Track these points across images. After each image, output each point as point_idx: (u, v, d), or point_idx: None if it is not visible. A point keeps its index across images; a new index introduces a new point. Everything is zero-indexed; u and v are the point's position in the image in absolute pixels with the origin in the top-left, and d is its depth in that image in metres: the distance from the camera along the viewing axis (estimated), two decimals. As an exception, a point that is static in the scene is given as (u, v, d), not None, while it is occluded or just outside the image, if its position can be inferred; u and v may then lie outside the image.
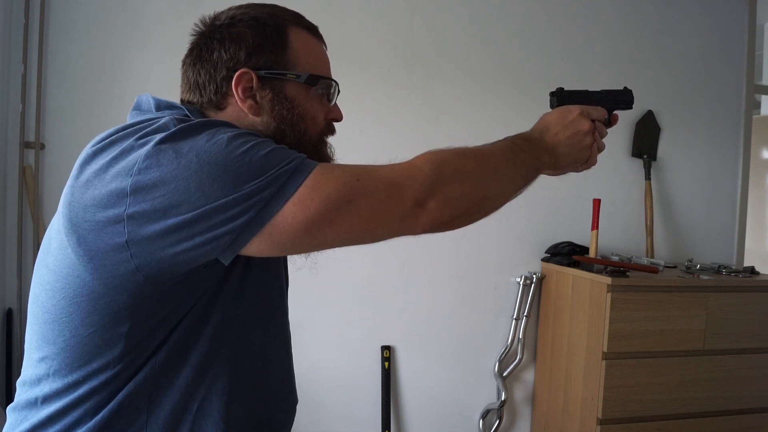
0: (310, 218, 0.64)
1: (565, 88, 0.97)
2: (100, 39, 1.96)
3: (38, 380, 0.72)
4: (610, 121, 0.96)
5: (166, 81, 1.98)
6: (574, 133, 0.87)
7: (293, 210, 0.63)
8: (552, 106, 0.94)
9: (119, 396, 0.68)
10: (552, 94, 0.96)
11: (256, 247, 0.65)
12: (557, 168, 0.88)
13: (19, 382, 0.76)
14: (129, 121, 0.77)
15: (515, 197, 0.82)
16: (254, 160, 0.63)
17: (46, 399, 0.70)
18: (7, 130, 1.90)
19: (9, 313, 1.92)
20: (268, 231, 0.64)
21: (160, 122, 0.68)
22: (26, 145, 1.91)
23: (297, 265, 0.92)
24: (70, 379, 0.69)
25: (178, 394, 0.70)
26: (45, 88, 1.93)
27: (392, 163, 0.73)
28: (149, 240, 0.62)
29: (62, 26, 1.93)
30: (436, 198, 0.70)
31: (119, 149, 0.66)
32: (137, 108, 0.79)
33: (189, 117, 0.73)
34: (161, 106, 0.76)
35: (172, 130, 0.65)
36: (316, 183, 0.64)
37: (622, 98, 0.99)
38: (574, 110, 0.88)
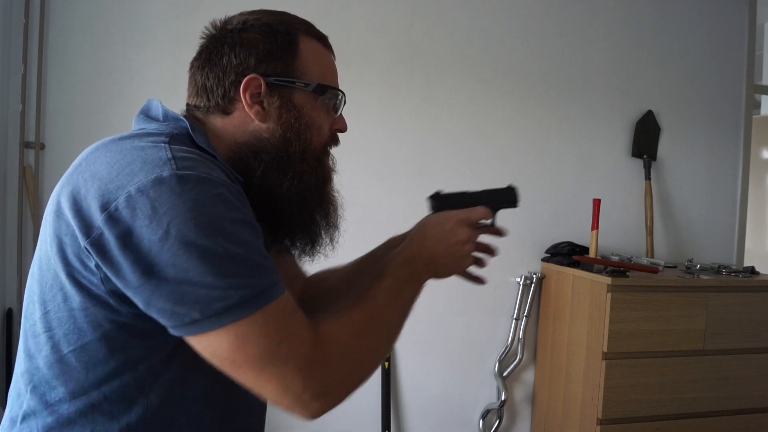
0: (222, 356, 0.62)
1: (443, 192, 0.92)
2: (100, 39, 1.96)
3: (17, 395, 0.70)
4: (494, 222, 0.92)
5: (166, 81, 1.99)
6: (452, 244, 0.84)
7: (217, 337, 0.62)
8: (431, 211, 0.90)
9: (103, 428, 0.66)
10: (429, 197, 0.91)
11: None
12: (438, 278, 0.86)
13: (8, 397, 0.74)
14: (134, 124, 0.77)
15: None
16: (221, 258, 0.60)
17: (25, 418, 0.68)
18: (7, 130, 1.90)
19: (9, 313, 1.92)
20: (195, 338, 0.63)
21: (155, 152, 0.64)
22: (26, 145, 1.91)
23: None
24: (47, 397, 0.67)
25: None
26: (45, 88, 1.93)
27: (321, 324, 0.69)
28: (110, 273, 0.62)
29: (62, 26, 1.93)
30: (333, 396, 0.67)
31: (107, 171, 0.63)
32: (145, 113, 0.78)
33: (192, 137, 0.72)
34: (168, 116, 0.75)
35: (162, 175, 0.61)
36: (247, 329, 0.62)
37: (504, 198, 0.93)
38: (452, 218, 0.86)
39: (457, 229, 0.85)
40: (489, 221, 0.91)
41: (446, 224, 0.85)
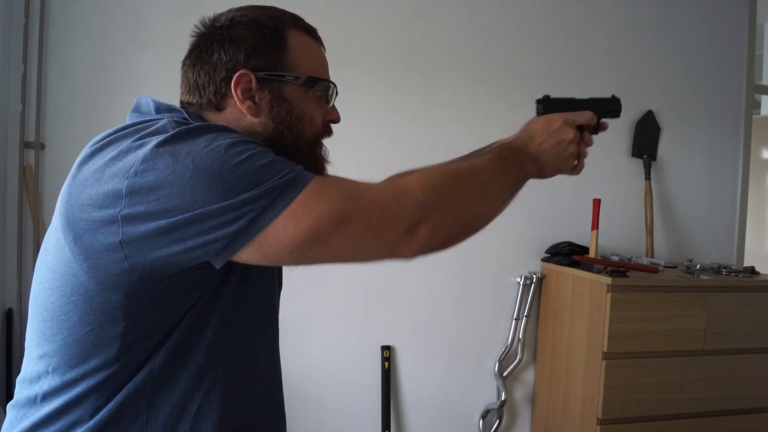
0: (300, 234, 0.64)
1: (552, 96, 0.95)
2: (100, 39, 1.96)
3: (38, 377, 0.72)
4: (598, 129, 0.96)
5: (165, 81, 1.98)
6: (558, 142, 0.87)
7: (285, 224, 0.63)
8: (538, 114, 0.94)
9: (118, 397, 0.69)
10: (538, 101, 0.95)
11: (246, 256, 0.65)
12: (541, 176, 0.89)
13: (18, 380, 0.76)
14: (128, 122, 0.77)
15: (503, 210, 0.82)
16: (250, 170, 0.63)
17: (46, 396, 0.71)
18: (7, 130, 1.90)
19: (9, 313, 1.92)
20: (258, 242, 0.64)
21: (159, 124, 0.68)
22: (26, 145, 1.91)
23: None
24: (68, 376, 0.69)
25: (177, 396, 0.71)
26: (45, 88, 1.93)
27: (390, 178, 0.73)
28: (142, 241, 0.63)
29: (62, 26, 1.93)
30: (428, 224, 0.69)
31: (117, 150, 0.66)
32: (136, 110, 0.79)
33: (188, 120, 0.73)
34: (161, 108, 0.76)
35: (171, 133, 0.65)
36: (309, 199, 0.64)
37: (610, 107, 0.98)
38: (558, 119, 0.89)
39: (565, 128, 0.88)
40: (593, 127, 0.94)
41: (554, 124, 0.88)
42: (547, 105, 0.94)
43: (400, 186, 0.70)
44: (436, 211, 0.70)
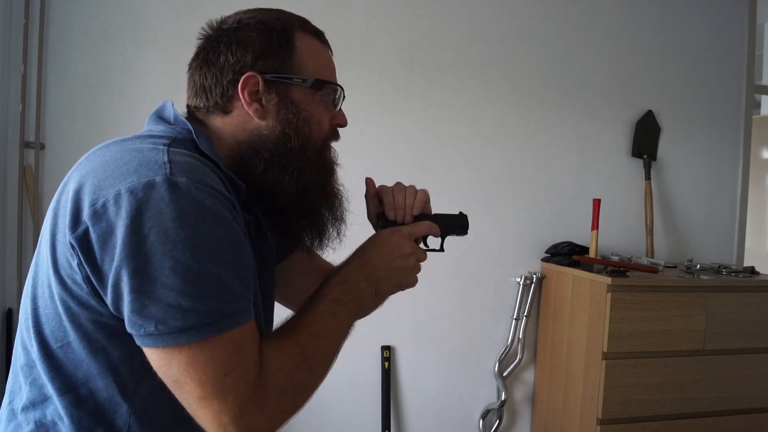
0: (166, 375, 0.62)
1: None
2: (100, 39, 1.96)
3: (19, 388, 0.71)
4: (442, 245, 0.93)
5: (165, 81, 1.99)
6: (394, 257, 0.84)
7: (165, 356, 0.61)
8: (376, 228, 0.90)
9: (97, 428, 0.66)
10: (376, 216, 0.92)
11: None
12: (381, 294, 0.84)
13: (6, 390, 0.75)
14: (146, 125, 0.77)
15: None
16: (192, 276, 0.59)
17: (24, 410, 0.69)
18: (7, 130, 1.90)
19: (9, 313, 1.92)
20: (146, 350, 0.62)
21: (152, 155, 0.64)
22: (26, 145, 1.91)
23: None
24: (44, 391, 0.67)
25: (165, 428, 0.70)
26: (45, 88, 1.93)
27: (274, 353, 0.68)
28: (88, 269, 0.62)
29: (62, 26, 1.93)
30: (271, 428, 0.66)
31: (103, 169, 0.63)
32: (159, 114, 0.78)
33: (195, 142, 0.72)
34: (178, 120, 0.75)
35: (155, 179, 0.60)
36: (196, 355, 0.60)
37: (456, 222, 0.94)
38: (394, 231, 0.86)
39: (401, 241, 0.85)
40: (438, 247, 0.92)
41: (391, 237, 0.85)
42: (385, 220, 0.90)
43: (265, 392, 0.64)
44: (273, 425, 0.67)
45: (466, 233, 0.95)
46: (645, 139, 2.51)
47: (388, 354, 2.25)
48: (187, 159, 0.65)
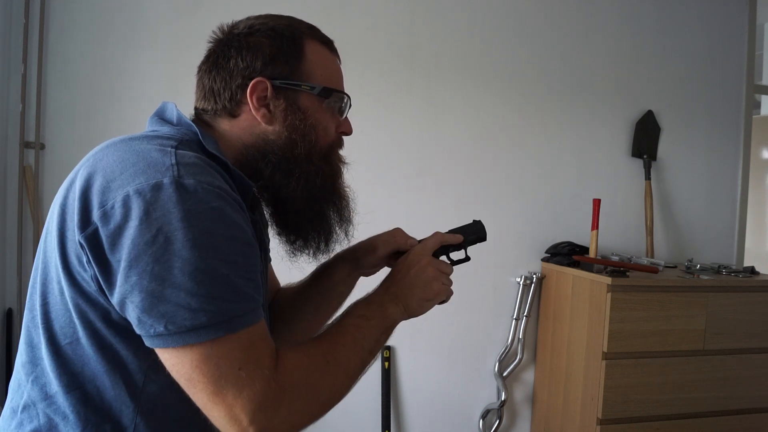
0: (179, 374, 0.62)
1: None
2: (100, 39, 1.96)
3: (18, 386, 0.71)
4: (467, 257, 0.95)
5: (166, 81, 1.99)
6: (414, 274, 0.85)
7: (177, 355, 0.61)
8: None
9: (104, 426, 0.67)
10: (395, 254, 0.94)
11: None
12: (411, 313, 0.85)
13: (9, 388, 0.75)
14: (148, 126, 0.78)
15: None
16: (200, 275, 0.59)
17: (26, 408, 0.69)
18: (7, 130, 1.90)
19: (9, 313, 1.92)
20: (161, 354, 0.62)
21: (160, 156, 0.64)
22: (26, 145, 1.91)
23: (298, 265, 0.92)
24: (48, 389, 0.68)
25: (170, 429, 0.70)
26: (45, 88, 1.93)
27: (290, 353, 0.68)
28: (98, 269, 0.62)
29: (62, 26, 1.93)
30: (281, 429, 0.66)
31: (111, 169, 0.64)
32: (160, 115, 0.78)
33: (201, 144, 0.72)
34: (182, 122, 0.76)
35: (162, 180, 0.61)
36: (207, 355, 0.60)
37: (472, 230, 0.96)
38: (409, 253, 0.88)
39: (416, 257, 0.87)
40: (462, 257, 0.94)
41: (407, 259, 0.87)
42: (400, 253, 0.92)
43: (278, 384, 0.64)
44: (291, 425, 0.67)
45: (485, 239, 0.97)
46: (645, 139, 2.51)
47: (388, 354, 2.25)
48: (194, 161, 0.65)
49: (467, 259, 0.95)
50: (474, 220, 0.98)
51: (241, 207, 0.67)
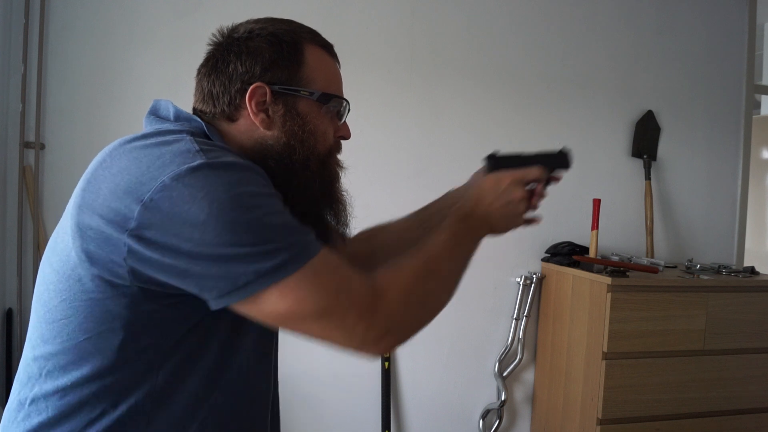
0: (281, 311, 0.66)
1: (499, 153, 0.97)
2: (100, 39, 1.96)
3: (28, 379, 0.72)
4: (549, 182, 0.96)
5: (166, 81, 1.99)
6: (507, 203, 0.87)
7: (272, 296, 0.65)
8: (485, 172, 0.95)
9: (116, 413, 0.68)
10: (486, 158, 0.96)
11: (239, 309, 0.67)
12: (494, 234, 0.90)
13: (15, 381, 0.76)
14: (145, 126, 0.78)
15: None
16: (263, 228, 0.64)
17: (35, 401, 0.70)
18: (7, 130, 1.90)
19: (9, 313, 1.92)
20: (248, 302, 0.65)
21: (181, 144, 0.67)
22: (26, 145, 1.91)
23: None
24: (60, 382, 0.68)
25: (176, 419, 0.71)
26: (45, 88, 1.93)
27: (368, 280, 0.71)
28: (145, 264, 0.64)
29: (62, 26, 1.93)
30: (395, 336, 0.72)
31: (137, 164, 0.66)
32: (154, 113, 0.79)
33: (206, 134, 0.73)
34: (180, 116, 0.76)
35: (193, 164, 0.64)
36: (302, 282, 0.65)
37: (559, 160, 0.98)
38: (506, 178, 0.89)
39: (512, 188, 0.88)
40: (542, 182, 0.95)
41: (501, 184, 0.89)
42: (495, 163, 0.95)
43: (380, 289, 0.70)
44: (406, 324, 0.73)
45: (569, 168, 0.99)
46: (645, 139, 2.51)
47: (388, 354, 2.25)
48: (212, 147, 0.69)
49: (547, 185, 0.96)
50: (560, 151, 0.99)
51: (265, 175, 0.71)
